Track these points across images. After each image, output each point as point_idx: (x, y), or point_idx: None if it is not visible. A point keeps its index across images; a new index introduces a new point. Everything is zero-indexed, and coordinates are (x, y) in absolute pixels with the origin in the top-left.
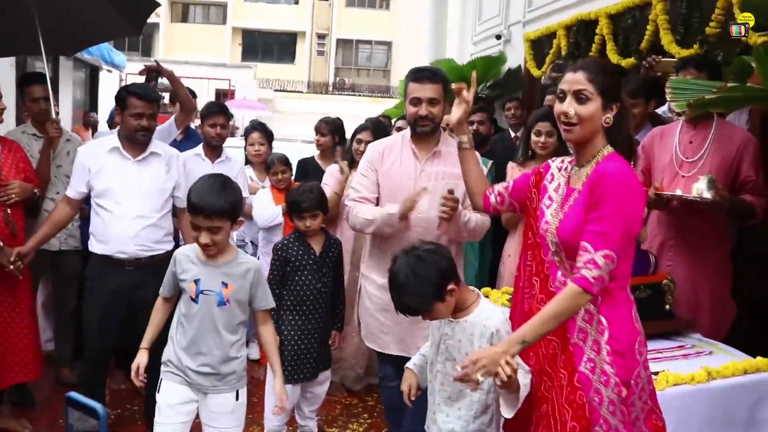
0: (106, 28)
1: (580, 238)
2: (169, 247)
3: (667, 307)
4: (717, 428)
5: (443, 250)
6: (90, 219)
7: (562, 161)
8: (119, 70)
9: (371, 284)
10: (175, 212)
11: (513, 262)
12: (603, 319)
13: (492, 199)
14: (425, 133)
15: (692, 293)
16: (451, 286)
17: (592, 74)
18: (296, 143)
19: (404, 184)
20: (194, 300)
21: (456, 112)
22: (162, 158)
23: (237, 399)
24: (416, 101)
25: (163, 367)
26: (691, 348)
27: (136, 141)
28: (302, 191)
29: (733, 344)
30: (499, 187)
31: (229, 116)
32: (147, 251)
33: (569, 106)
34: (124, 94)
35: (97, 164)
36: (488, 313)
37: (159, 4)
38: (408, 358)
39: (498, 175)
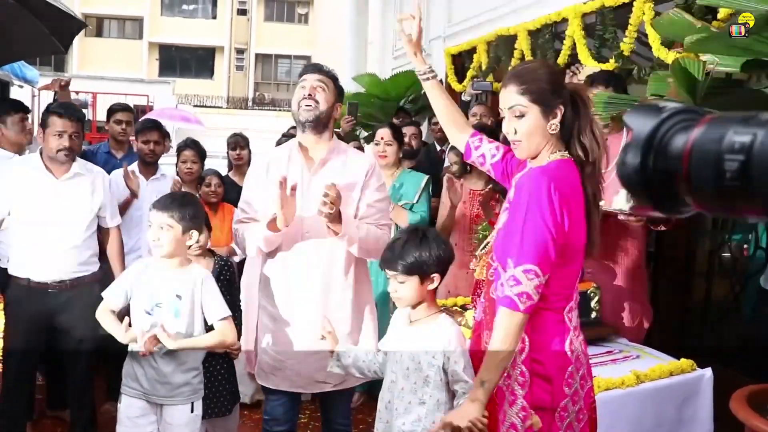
0: (32, 45)
1: (502, 248)
2: (95, 268)
3: (594, 314)
4: (647, 429)
5: (451, 252)
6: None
7: None
8: (32, 86)
9: (264, 313)
10: (101, 232)
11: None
12: (526, 338)
13: (473, 155)
14: (309, 122)
15: (612, 299)
16: (435, 275)
17: (522, 84)
18: (217, 159)
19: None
20: (149, 313)
21: (410, 31)
22: (87, 178)
23: (192, 411)
24: (303, 86)
25: (123, 382)
26: (619, 353)
27: (58, 161)
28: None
29: (655, 346)
30: (485, 149)
31: (164, 132)
32: (72, 273)
33: (509, 126)
34: (45, 114)
35: (17, 184)
36: (445, 324)
37: (86, 25)
38: (299, 395)
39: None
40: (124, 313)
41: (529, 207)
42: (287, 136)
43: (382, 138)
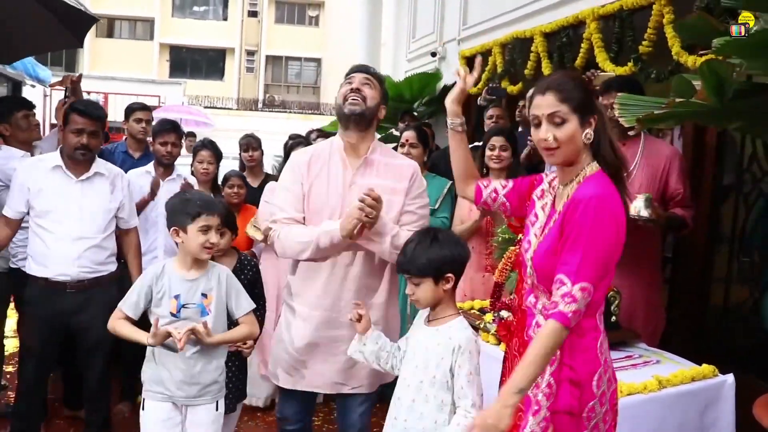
0: (48, 39)
1: (551, 263)
2: (113, 268)
3: (614, 318)
4: None
5: (466, 251)
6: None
7: (554, 178)
8: (43, 85)
9: (293, 314)
10: (118, 233)
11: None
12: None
13: (485, 193)
14: (355, 116)
15: (629, 304)
16: (449, 275)
17: (563, 93)
18: (228, 160)
19: (330, 199)
20: (175, 315)
21: (454, 90)
22: (106, 178)
23: (217, 409)
24: (350, 80)
25: (144, 386)
26: (639, 358)
27: (76, 160)
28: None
29: (673, 351)
30: (496, 183)
31: (180, 134)
32: (90, 273)
33: (547, 132)
34: (67, 110)
35: (37, 183)
36: (458, 327)
37: (98, 20)
38: (314, 396)
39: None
40: (140, 321)
41: (590, 226)
42: (295, 138)
43: (407, 140)
